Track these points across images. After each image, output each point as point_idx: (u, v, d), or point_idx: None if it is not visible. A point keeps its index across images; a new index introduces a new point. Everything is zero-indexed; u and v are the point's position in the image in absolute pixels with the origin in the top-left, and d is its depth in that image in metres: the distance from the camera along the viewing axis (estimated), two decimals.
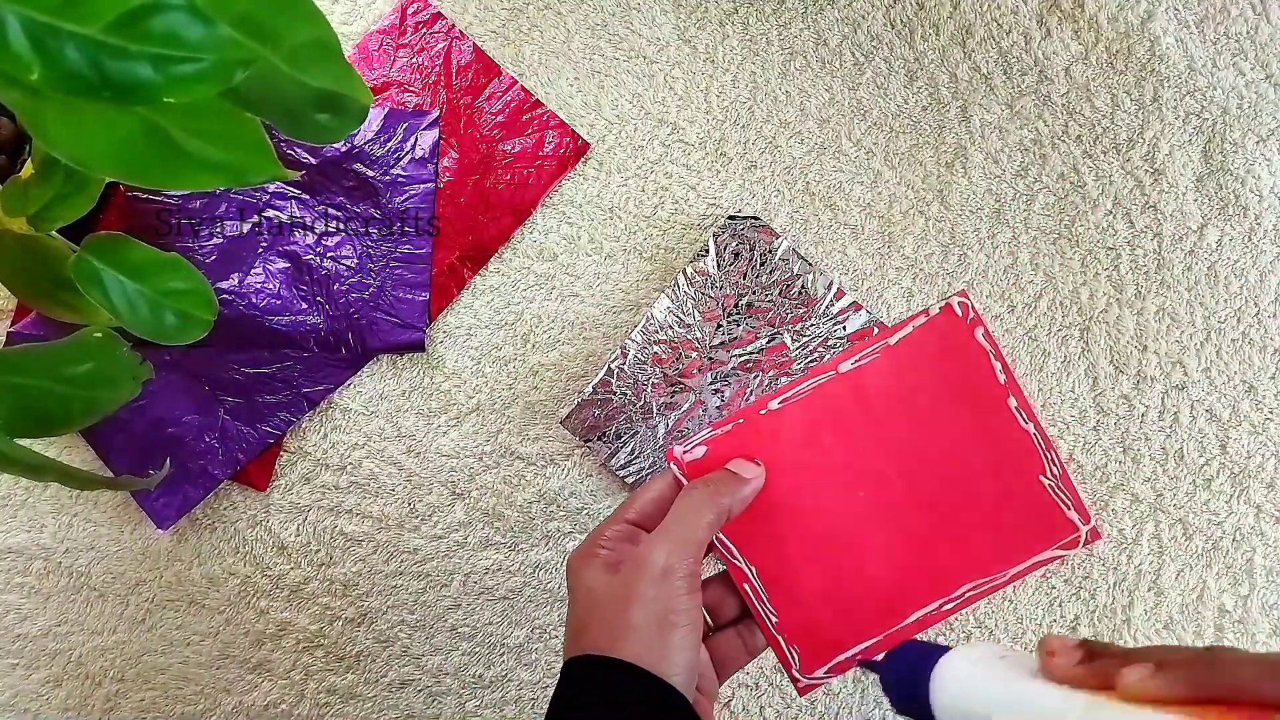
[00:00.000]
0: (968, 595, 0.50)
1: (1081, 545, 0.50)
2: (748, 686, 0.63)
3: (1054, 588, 0.63)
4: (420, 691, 0.64)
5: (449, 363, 0.64)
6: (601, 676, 0.39)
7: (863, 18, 0.64)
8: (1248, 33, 0.63)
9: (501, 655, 0.64)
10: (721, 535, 0.47)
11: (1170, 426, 0.63)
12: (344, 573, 0.64)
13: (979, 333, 0.49)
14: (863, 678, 0.63)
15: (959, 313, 0.49)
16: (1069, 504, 0.50)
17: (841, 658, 0.49)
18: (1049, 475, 0.50)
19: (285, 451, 0.64)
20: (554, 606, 0.64)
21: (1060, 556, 0.50)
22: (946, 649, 0.35)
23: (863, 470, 0.49)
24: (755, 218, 0.62)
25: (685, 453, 0.48)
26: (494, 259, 0.64)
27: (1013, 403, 0.50)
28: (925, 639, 0.40)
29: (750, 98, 0.64)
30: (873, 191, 0.64)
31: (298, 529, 0.64)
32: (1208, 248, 0.63)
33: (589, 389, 0.62)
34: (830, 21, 0.64)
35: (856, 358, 0.49)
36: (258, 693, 0.64)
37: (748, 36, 0.64)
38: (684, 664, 0.39)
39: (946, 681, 0.34)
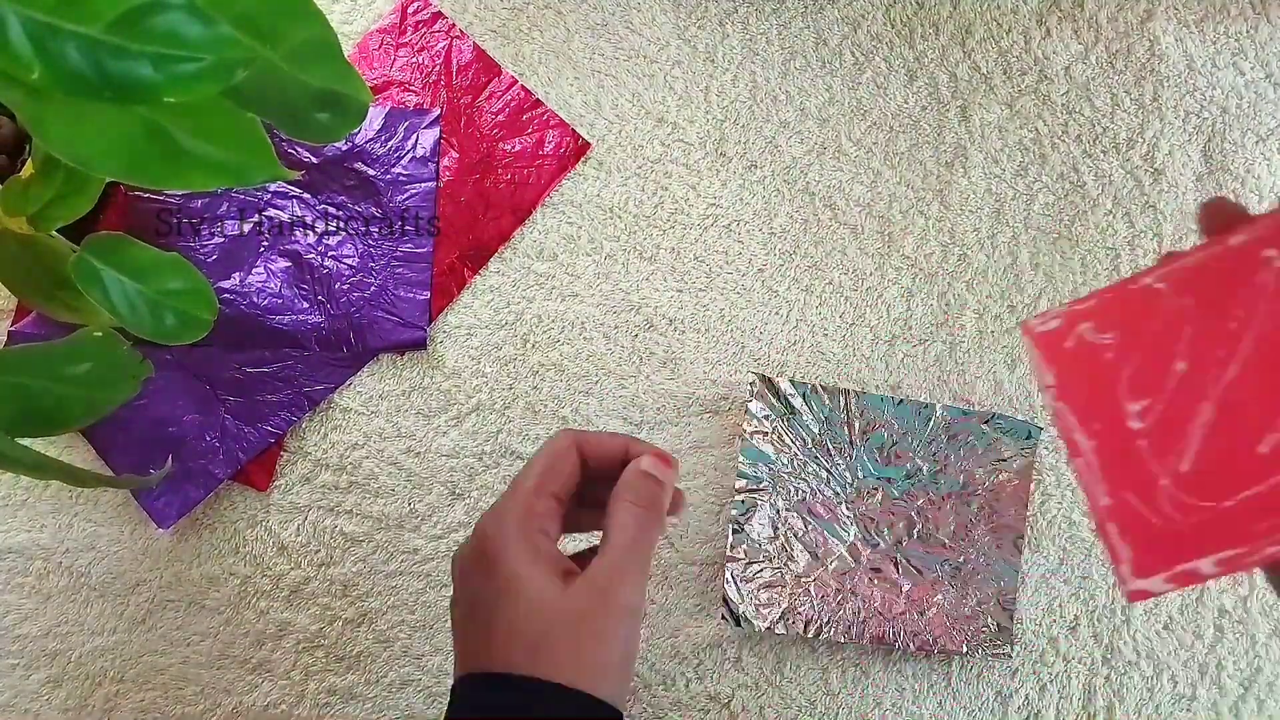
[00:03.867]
0: None
1: None
2: (747, 687, 0.63)
3: (1053, 588, 0.63)
4: (420, 691, 0.64)
5: (449, 362, 0.64)
6: (583, 712, 0.37)
7: (863, 17, 0.64)
8: (1248, 32, 0.63)
9: None
10: (1064, 404, 0.40)
11: None
12: (344, 573, 0.64)
13: None
14: (863, 677, 0.63)
15: None
16: None
17: (1186, 567, 0.38)
18: None
19: (285, 451, 0.64)
20: None
21: None
22: None
23: (1236, 358, 0.41)
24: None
25: (1040, 325, 0.39)
26: (494, 259, 0.64)
27: None
28: None
29: (750, 98, 0.64)
30: (873, 191, 0.64)
31: (298, 529, 0.64)
32: None
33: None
34: (830, 21, 0.64)
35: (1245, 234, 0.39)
36: (258, 693, 0.64)
37: (748, 36, 0.64)
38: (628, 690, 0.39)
39: None
